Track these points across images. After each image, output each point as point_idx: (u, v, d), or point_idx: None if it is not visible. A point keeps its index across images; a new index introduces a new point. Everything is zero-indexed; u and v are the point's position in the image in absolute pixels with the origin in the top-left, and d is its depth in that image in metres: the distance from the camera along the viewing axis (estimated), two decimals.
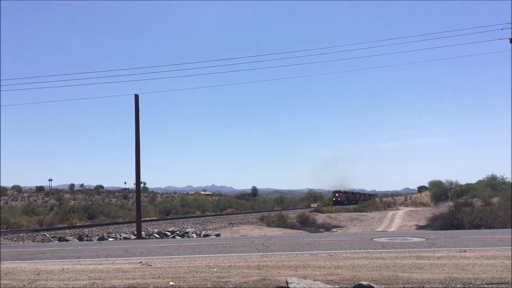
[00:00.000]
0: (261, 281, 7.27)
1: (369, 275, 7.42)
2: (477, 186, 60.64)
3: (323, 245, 12.65)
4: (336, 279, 7.19)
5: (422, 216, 43.76)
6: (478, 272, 7.53)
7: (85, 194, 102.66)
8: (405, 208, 66.99)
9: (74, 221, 39.99)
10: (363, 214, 52.98)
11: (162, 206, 61.39)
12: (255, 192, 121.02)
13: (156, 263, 9.79)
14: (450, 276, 7.21)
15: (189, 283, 7.29)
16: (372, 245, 12.31)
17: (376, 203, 76.03)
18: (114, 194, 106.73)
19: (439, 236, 14.55)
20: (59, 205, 61.95)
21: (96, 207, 54.40)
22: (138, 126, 24.91)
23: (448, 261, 8.70)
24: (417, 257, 9.35)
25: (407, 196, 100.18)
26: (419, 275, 7.39)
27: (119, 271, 8.74)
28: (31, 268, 9.63)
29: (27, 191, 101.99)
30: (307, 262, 9.15)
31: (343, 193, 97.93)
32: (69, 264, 10.08)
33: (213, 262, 9.60)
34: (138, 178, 24.96)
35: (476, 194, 50.66)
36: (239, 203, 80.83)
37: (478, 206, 36.28)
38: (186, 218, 42.79)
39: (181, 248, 13.32)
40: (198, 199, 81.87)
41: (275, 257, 10.21)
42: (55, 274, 8.60)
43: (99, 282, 7.66)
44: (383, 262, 8.83)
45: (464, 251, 10.11)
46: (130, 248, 13.83)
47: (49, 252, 13.61)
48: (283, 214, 41.31)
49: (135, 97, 25.05)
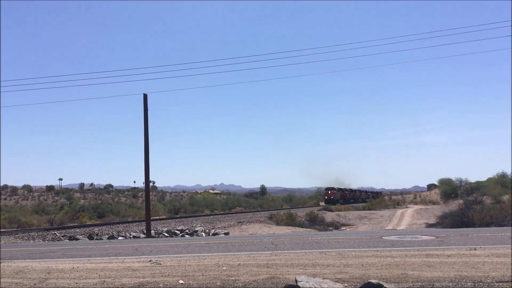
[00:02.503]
0: (270, 279, 7.27)
1: (378, 274, 7.40)
2: (487, 183, 60.12)
3: (332, 243, 12.63)
4: (345, 278, 7.18)
5: (432, 214, 43.54)
6: (489, 270, 7.49)
7: (95, 193, 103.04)
8: (414, 206, 66.63)
9: (84, 220, 40.28)
10: (372, 212, 52.81)
11: (171, 205, 61.53)
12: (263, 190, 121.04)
13: (166, 261, 9.83)
14: (460, 274, 7.17)
15: (198, 282, 7.31)
16: (382, 243, 12.27)
17: (385, 201, 75.60)
18: (123, 193, 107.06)
19: (449, 234, 14.48)
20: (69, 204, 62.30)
21: (106, 206, 54.67)
22: (147, 125, 24.99)
23: (458, 259, 8.66)
24: (426, 255, 9.31)
25: (417, 194, 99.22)
26: (428, 273, 7.36)
27: (129, 270, 8.79)
28: (42, 266, 9.70)
29: (37, 191, 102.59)
30: (316, 260, 9.14)
31: (338, 190, 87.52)
32: (80, 263, 10.15)
33: (222, 260, 9.62)
34: (147, 177, 25.05)
35: (486, 192, 50.28)
36: (248, 201, 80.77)
37: (488, 204, 35.99)
38: (195, 217, 42.85)
39: (190, 247, 13.36)
40: (207, 197, 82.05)
41: (284, 255, 10.21)
42: (65, 273, 8.67)
43: (109, 280, 7.70)
44: (392, 260, 8.80)
45: (474, 249, 10.05)
46: (139, 247, 13.89)
47: (60, 251, 13.70)
48: (291, 213, 41.25)
49: (144, 97, 25.13)
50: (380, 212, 53.07)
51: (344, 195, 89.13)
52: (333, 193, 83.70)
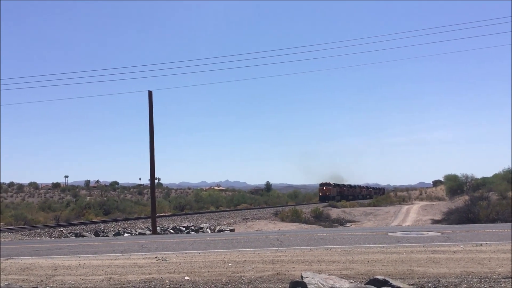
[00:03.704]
0: (276, 275, 7.28)
1: (384, 270, 7.40)
2: (493, 179, 59.82)
3: (338, 239, 12.62)
4: (351, 274, 7.18)
5: (437, 210, 43.38)
6: (495, 266, 7.47)
7: (101, 190, 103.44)
8: (420, 203, 66.38)
9: (90, 217, 40.45)
10: (378, 208, 52.69)
11: (176, 202, 61.61)
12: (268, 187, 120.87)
13: (172, 258, 9.86)
14: (466, 270, 7.15)
15: (204, 278, 7.33)
16: (387, 239, 12.25)
17: (390, 198, 75.26)
18: (129, 190, 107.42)
19: (455, 230, 14.43)
20: (75, 201, 62.50)
21: (112, 203, 54.81)
22: (152, 122, 25.03)
23: (464, 255, 8.64)
24: (432, 251, 9.30)
25: (422, 190, 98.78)
26: (434, 269, 7.35)
27: (135, 266, 8.83)
28: (49, 263, 9.76)
29: (43, 188, 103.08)
30: (321, 256, 9.15)
31: (334, 186, 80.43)
32: (86, 260, 10.20)
33: (227, 257, 9.64)
34: (153, 174, 25.11)
35: (492, 188, 50.02)
36: (253, 198, 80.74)
37: (494, 200, 35.87)
38: (200, 214, 42.94)
39: (196, 243, 13.39)
40: (212, 194, 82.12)
41: (289, 252, 10.21)
42: (72, 269, 8.71)
43: (115, 277, 7.74)
44: (398, 256, 8.79)
45: (480, 245, 10.02)
46: (145, 243, 13.94)
47: (66, 247, 13.76)
48: (297, 209, 41.24)
49: (149, 94, 25.16)
50: (386, 208, 52.92)
51: (341, 191, 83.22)
52: (328, 189, 77.68)
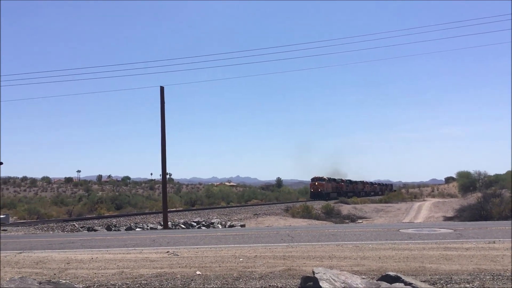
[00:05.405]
0: (287, 271, 7.28)
1: (396, 266, 7.36)
2: (506, 176, 59.22)
3: (349, 236, 12.59)
4: (362, 270, 7.15)
5: (450, 207, 43.10)
6: (508, 263, 7.40)
7: (113, 185, 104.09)
8: (432, 199, 65.98)
9: (102, 212, 40.78)
10: (389, 205, 52.47)
11: (187, 197, 61.83)
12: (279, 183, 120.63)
13: (183, 252, 9.91)
14: (479, 268, 7.10)
15: (215, 273, 7.36)
16: (399, 236, 12.20)
17: (402, 194, 74.81)
18: (140, 185, 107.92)
19: (467, 227, 14.33)
20: (87, 196, 62.97)
21: (123, 197, 55.25)
22: (164, 117, 25.11)
23: (477, 252, 8.57)
24: (444, 248, 9.24)
25: (434, 187, 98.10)
26: (447, 266, 7.30)
27: (147, 260, 8.88)
28: (61, 257, 9.86)
29: (56, 182, 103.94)
30: (332, 252, 9.13)
31: (328, 181, 69.15)
32: (98, 253, 10.28)
33: (238, 252, 9.67)
34: (164, 169, 25.22)
35: (505, 185, 49.56)
36: (264, 194, 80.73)
37: (507, 197, 35.47)
38: (211, 209, 43.06)
39: (207, 238, 13.44)
40: (223, 190, 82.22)
41: (300, 247, 10.21)
42: (84, 263, 8.79)
43: (127, 271, 7.79)
44: (410, 253, 8.75)
45: (493, 243, 9.93)
46: (157, 238, 14.03)
47: (79, 241, 13.89)
48: (308, 205, 41.24)
49: (161, 89, 25.24)
50: (397, 205, 52.72)
51: (339, 186, 73.45)
52: (321, 185, 66.30)
